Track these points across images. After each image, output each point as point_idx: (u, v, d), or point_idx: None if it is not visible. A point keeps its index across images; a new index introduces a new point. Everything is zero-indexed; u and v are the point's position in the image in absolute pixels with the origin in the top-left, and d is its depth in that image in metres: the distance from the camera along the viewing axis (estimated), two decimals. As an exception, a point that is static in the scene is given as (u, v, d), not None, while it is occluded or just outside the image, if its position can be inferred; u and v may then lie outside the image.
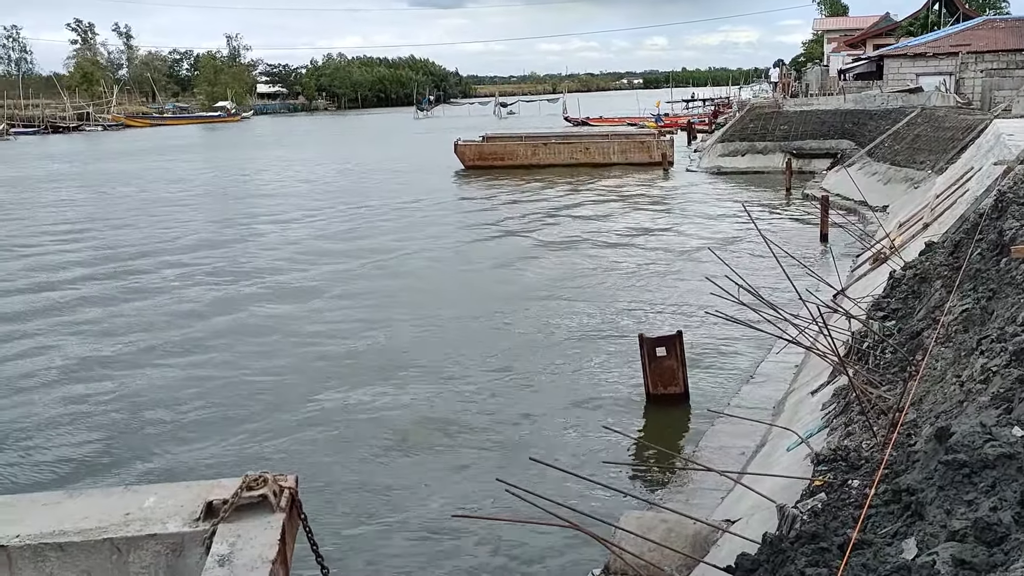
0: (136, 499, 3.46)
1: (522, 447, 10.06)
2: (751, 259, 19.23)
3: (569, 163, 43.61)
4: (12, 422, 11.53)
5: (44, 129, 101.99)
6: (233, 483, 3.38)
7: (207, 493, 3.38)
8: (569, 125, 73.92)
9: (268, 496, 3.32)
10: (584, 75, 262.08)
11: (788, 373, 11.68)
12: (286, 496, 3.37)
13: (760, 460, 8.59)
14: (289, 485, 3.42)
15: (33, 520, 3.35)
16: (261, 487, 3.33)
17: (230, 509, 3.28)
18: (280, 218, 29.78)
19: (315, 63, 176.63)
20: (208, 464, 9.98)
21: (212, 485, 3.47)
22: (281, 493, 3.37)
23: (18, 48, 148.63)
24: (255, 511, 3.31)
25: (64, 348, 14.94)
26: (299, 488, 3.46)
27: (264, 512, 3.32)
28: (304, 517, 3.48)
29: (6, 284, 20.13)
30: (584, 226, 26.25)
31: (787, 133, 39.29)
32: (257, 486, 3.34)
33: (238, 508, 3.29)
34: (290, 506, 3.39)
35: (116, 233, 27.48)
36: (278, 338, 15.08)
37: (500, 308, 16.67)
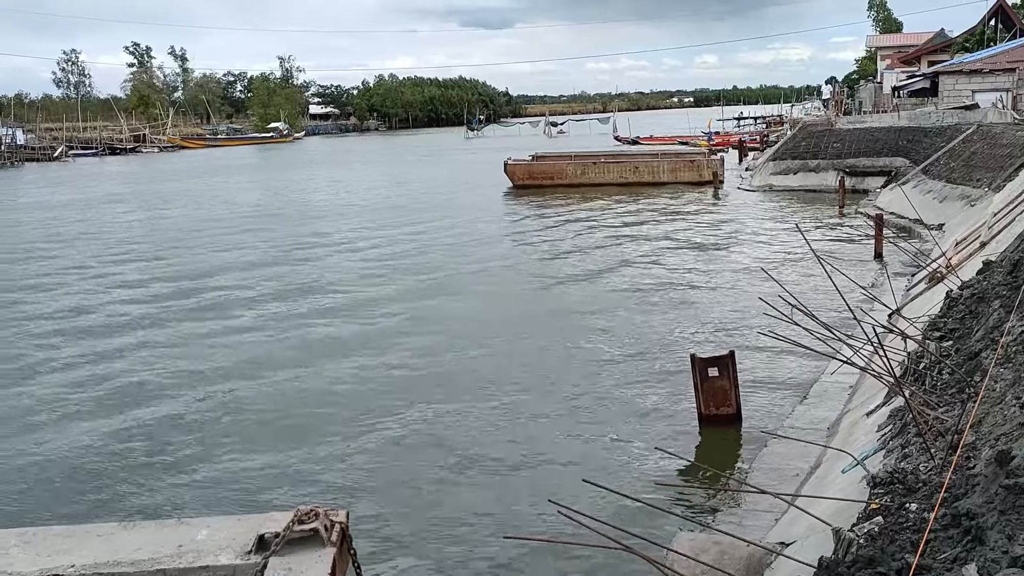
0: (189, 531, 3.49)
1: (574, 468, 10.03)
2: (804, 278, 19.04)
3: (618, 182, 43.52)
4: (66, 447, 11.70)
5: (102, 151, 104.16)
6: (285, 516, 3.39)
7: (259, 526, 3.40)
8: (619, 144, 73.88)
9: (319, 530, 3.33)
10: (634, 94, 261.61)
11: (842, 393, 11.52)
12: (337, 530, 3.38)
13: (814, 482, 8.48)
14: (340, 520, 3.43)
15: (88, 551, 3.39)
16: (312, 521, 3.34)
17: (282, 543, 3.30)
18: (333, 238, 30.09)
19: (366, 84, 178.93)
20: (259, 494, 10.05)
21: (264, 518, 3.49)
22: (332, 527, 3.38)
23: (77, 72, 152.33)
24: (306, 545, 3.33)
25: (111, 371, 15.16)
26: (350, 522, 3.48)
27: (315, 546, 3.33)
28: (354, 552, 3.50)
29: (66, 303, 20.54)
30: (633, 245, 26.19)
31: (840, 151, 38.87)
32: (308, 520, 3.35)
33: (289, 542, 3.31)
34: (340, 540, 3.40)
35: (173, 253, 27.96)
36: (327, 361, 15.19)
37: (549, 328, 16.67)
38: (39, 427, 12.39)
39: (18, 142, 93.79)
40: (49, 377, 14.80)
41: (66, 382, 14.55)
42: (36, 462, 11.13)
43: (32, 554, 3.37)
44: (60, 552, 3.40)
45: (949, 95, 42.76)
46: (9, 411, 13.12)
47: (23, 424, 12.52)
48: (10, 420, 12.70)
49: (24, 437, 12.01)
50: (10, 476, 10.74)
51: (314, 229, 32.64)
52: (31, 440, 11.88)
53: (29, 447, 11.62)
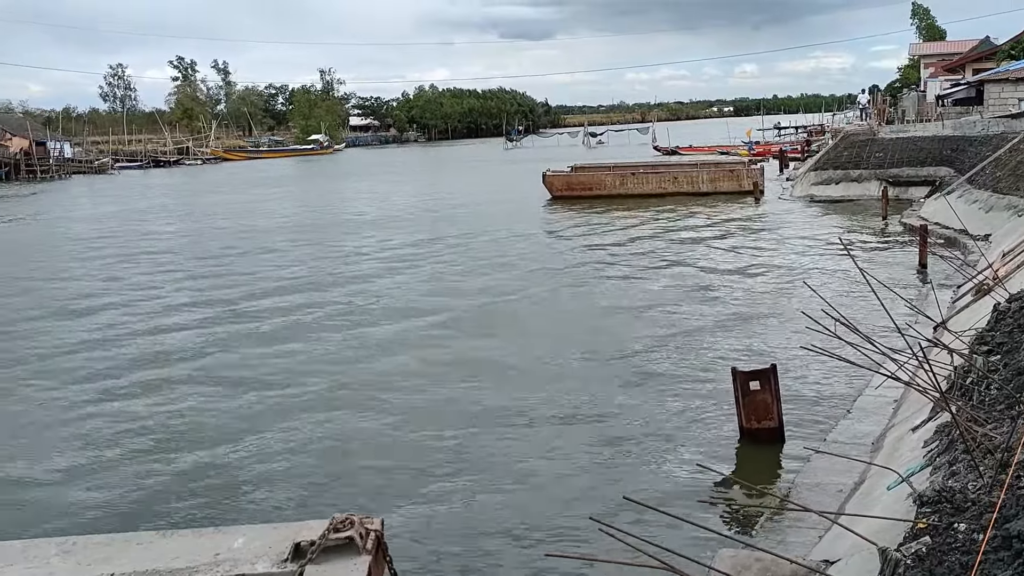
0: (225, 540, 3.50)
1: (614, 485, 9.96)
2: (847, 290, 18.83)
3: (657, 193, 43.30)
4: (102, 456, 11.85)
5: (146, 163, 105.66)
6: (320, 525, 3.41)
7: (295, 534, 3.41)
8: (658, 154, 73.61)
9: (355, 538, 3.32)
10: (673, 103, 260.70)
11: (887, 408, 11.35)
12: (372, 538, 3.38)
13: (858, 499, 8.36)
14: (375, 527, 3.43)
15: (127, 560, 3.43)
16: (348, 529, 3.34)
17: (317, 551, 3.30)
18: (372, 250, 30.27)
19: (406, 95, 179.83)
20: (294, 504, 10.11)
21: (300, 527, 3.50)
22: (367, 535, 3.37)
23: (123, 86, 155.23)
24: (341, 553, 3.33)
25: (148, 380, 15.34)
26: (384, 530, 3.47)
27: (351, 554, 3.33)
28: (390, 560, 3.50)
29: (113, 317, 20.84)
30: (672, 256, 26.05)
31: (882, 160, 38.43)
32: (344, 528, 3.35)
33: (325, 550, 3.31)
34: (376, 548, 3.40)
35: (215, 264, 28.30)
36: (363, 372, 15.26)
37: (587, 340, 16.61)
38: (78, 436, 12.55)
39: (66, 155, 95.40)
40: (86, 384, 15.03)
41: (103, 388, 14.80)
42: (75, 472, 11.26)
43: (72, 563, 3.41)
44: (99, 561, 3.44)
45: (995, 103, 42.15)
46: (45, 420, 13.31)
47: (61, 432, 12.70)
48: (48, 428, 12.88)
49: (63, 446, 12.18)
50: (49, 487, 10.88)
51: (354, 241, 32.88)
52: (71, 450, 12.04)
53: (69, 458, 11.77)
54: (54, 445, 12.27)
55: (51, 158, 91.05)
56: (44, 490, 10.79)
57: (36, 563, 3.41)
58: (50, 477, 11.17)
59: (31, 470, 11.41)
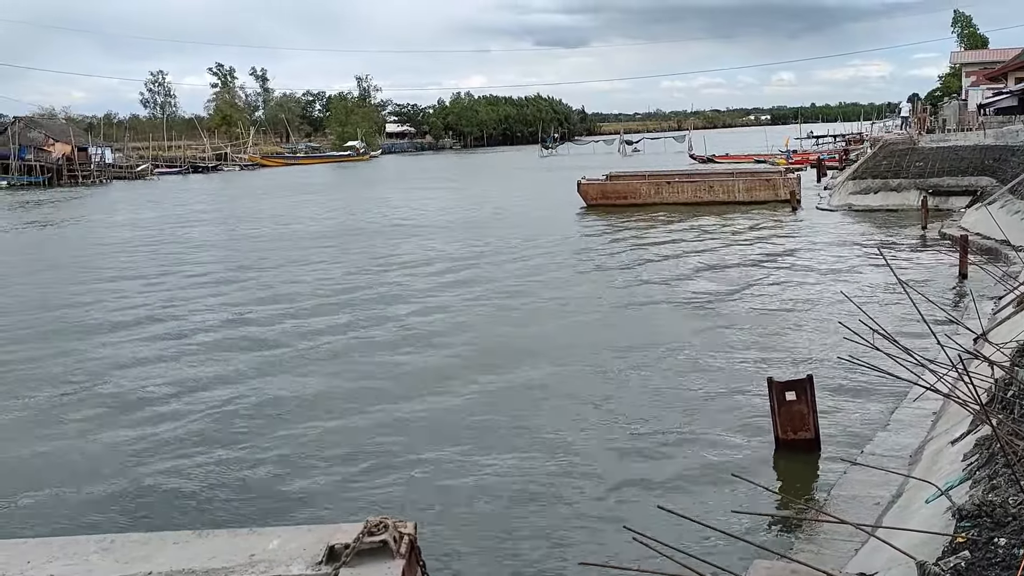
0: (261, 541, 3.52)
1: (649, 494, 9.93)
2: (885, 300, 18.64)
3: (693, 201, 43.12)
4: (139, 457, 11.97)
5: (185, 169, 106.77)
6: (354, 528, 3.41)
7: (329, 537, 3.41)
8: (694, 163, 73.37)
9: (388, 542, 3.33)
10: (710, 111, 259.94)
11: (925, 421, 11.20)
12: (406, 542, 3.38)
13: (896, 512, 8.26)
14: (408, 531, 3.43)
15: (164, 558, 3.46)
16: (382, 532, 3.35)
17: (351, 553, 3.30)
18: (409, 258, 30.39)
19: (442, 102, 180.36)
20: (328, 506, 10.17)
21: (334, 529, 3.51)
22: (401, 539, 3.37)
23: (163, 92, 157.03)
24: (375, 556, 3.34)
25: (184, 383, 15.48)
26: (418, 535, 3.48)
27: (384, 558, 3.34)
28: (423, 564, 3.50)
29: (146, 318, 21.05)
30: (709, 266, 25.93)
31: (922, 170, 38.02)
32: (378, 531, 3.35)
33: (359, 553, 3.31)
34: (409, 552, 3.40)
35: (252, 272, 28.51)
36: (397, 381, 15.30)
37: (623, 348, 16.56)
38: (115, 438, 12.70)
39: (107, 161, 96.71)
40: (123, 386, 15.20)
41: (140, 390, 14.96)
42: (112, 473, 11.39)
43: (111, 560, 3.44)
44: (137, 559, 3.47)
45: (1038, 113, 41.55)
46: (81, 422, 13.47)
47: (100, 433, 12.86)
48: (85, 432, 13.03)
49: (98, 447, 12.33)
50: (88, 485, 11.01)
51: (391, 249, 32.99)
52: (106, 451, 12.19)
53: (104, 458, 11.92)
54: (94, 446, 12.42)
55: (92, 163, 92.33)
56: (83, 488, 10.90)
57: (76, 560, 3.45)
58: (89, 475, 11.29)
59: (74, 468, 11.53)
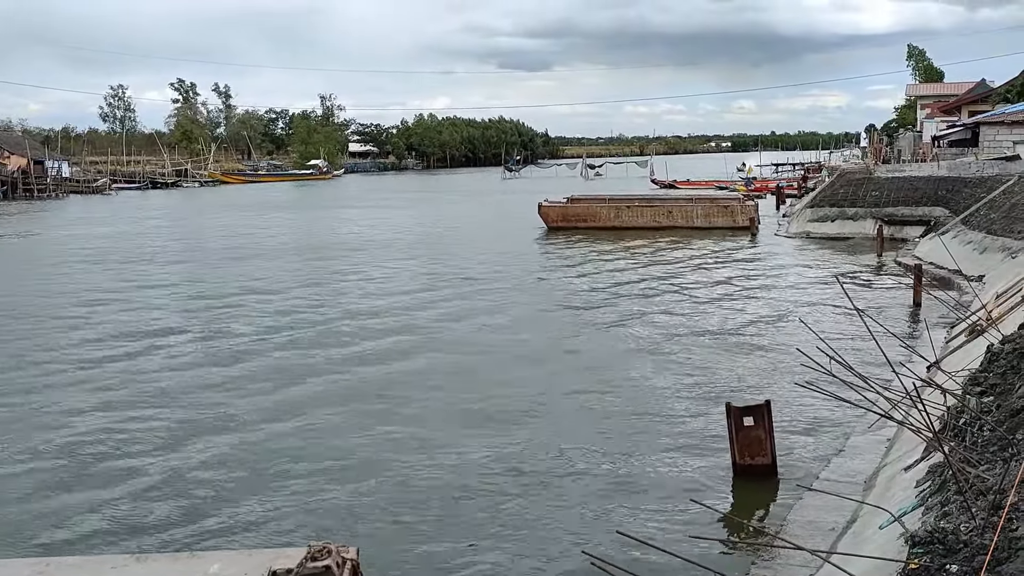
0: (201, 565, 3.52)
1: (606, 518, 9.94)
2: (841, 328, 18.85)
3: (652, 226, 43.45)
4: (78, 478, 11.75)
5: (144, 185, 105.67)
6: (297, 553, 3.43)
7: (271, 562, 3.42)
8: (656, 187, 74.00)
9: (332, 567, 3.35)
10: (672, 137, 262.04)
11: (880, 447, 11.36)
12: (349, 568, 3.41)
13: (850, 538, 8.35)
14: (351, 557, 3.46)
15: None
16: (325, 558, 3.36)
17: None
18: (362, 276, 30.27)
19: (405, 123, 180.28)
20: (270, 531, 10.03)
21: (276, 554, 3.52)
22: (344, 564, 3.40)
23: (123, 106, 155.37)
24: None
25: (121, 402, 15.25)
26: (361, 560, 3.49)
27: (328, 583, 3.34)
28: (365, 589, 3.51)
29: (101, 330, 20.77)
30: (665, 290, 26.08)
31: (878, 199, 38.63)
32: (321, 557, 3.37)
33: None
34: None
35: (206, 287, 28.22)
36: (343, 398, 15.22)
37: (579, 372, 16.60)
38: (47, 457, 12.46)
39: (64, 175, 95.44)
40: (52, 403, 14.90)
41: (70, 408, 14.66)
42: (45, 494, 11.16)
43: None
44: None
45: (990, 145, 42.51)
46: (23, 437, 13.19)
47: (34, 450, 12.61)
48: (15, 450, 12.76)
49: (34, 463, 12.10)
50: (24, 505, 10.80)
51: (344, 266, 32.85)
52: (42, 466, 11.97)
53: (36, 478, 11.69)
54: (31, 463, 12.15)
55: (49, 177, 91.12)
56: (17, 509, 10.68)
57: None
58: (23, 496, 11.06)
59: (3, 490, 11.30)
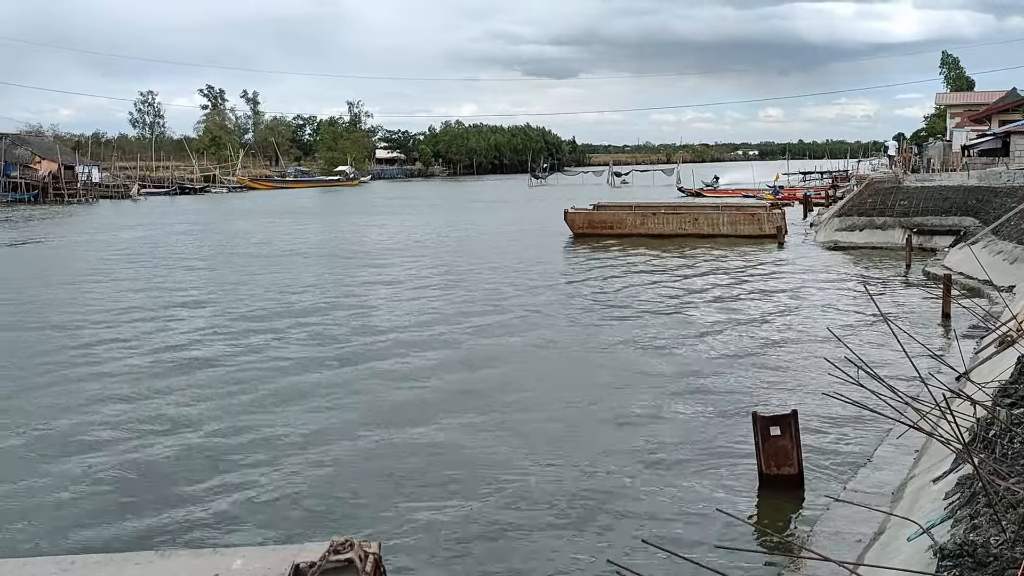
0: (224, 561, 3.50)
1: (632, 527, 9.91)
2: (869, 338, 18.70)
3: (678, 233, 43.28)
4: (104, 475, 11.85)
5: (173, 190, 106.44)
6: (320, 547, 3.40)
7: (294, 557, 3.40)
8: (682, 195, 73.78)
9: (354, 560, 3.32)
10: (699, 145, 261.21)
11: (907, 458, 11.24)
12: (371, 561, 3.38)
13: (878, 549, 8.27)
14: (374, 551, 3.43)
15: None
16: (347, 552, 3.33)
17: (317, 573, 3.30)
18: (388, 282, 30.39)
19: (432, 130, 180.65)
20: (293, 526, 10.10)
21: (298, 549, 3.50)
22: (367, 558, 3.37)
23: (153, 112, 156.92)
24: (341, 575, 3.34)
25: (153, 399, 15.43)
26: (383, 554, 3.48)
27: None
28: (388, 583, 3.50)
29: (107, 335, 20.92)
30: (691, 298, 26.00)
31: (907, 209, 38.31)
32: (343, 551, 3.33)
33: (324, 572, 3.31)
34: (375, 572, 3.41)
35: (236, 290, 28.40)
36: (369, 398, 15.34)
37: (604, 380, 16.55)
38: (81, 453, 12.60)
39: (94, 180, 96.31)
40: (97, 404, 15.07)
41: (110, 407, 14.86)
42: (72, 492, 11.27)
43: None
44: None
45: (1021, 155, 42.01)
46: (52, 438, 13.36)
47: (64, 451, 12.74)
48: (43, 450, 12.88)
49: (64, 464, 12.20)
50: (49, 504, 10.90)
51: (371, 273, 32.97)
52: (72, 467, 12.07)
53: (69, 475, 11.80)
54: (55, 463, 12.27)
55: (79, 182, 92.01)
56: (42, 507, 10.79)
57: None
58: (50, 494, 11.18)
59: (33, 488, 11.40)
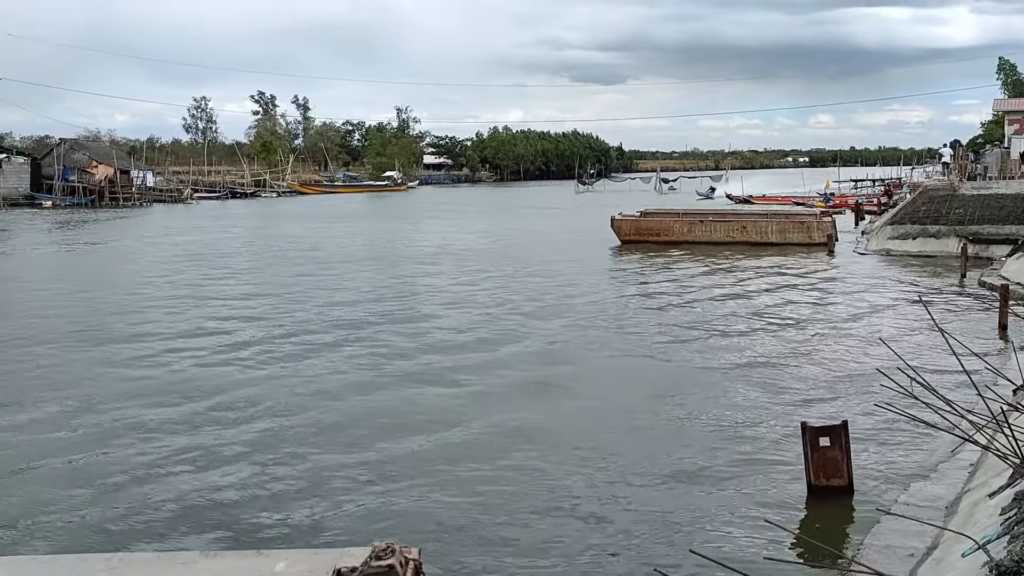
0: (268, 563, 3.56)
1: (678, 536, 9.79)
2: (922, 348, 18.38)
3: (725, 241, 42.89)
4: (147, 475, 11.93)
5: (224, 194, 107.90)
6: (362, 552, 3.46)
7: (336, 561, 3.47)
8: (731, 202, 73.31)
9: (395, 566, 3.37)
10: (747, 152, 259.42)
11: (962, 472, 10.98)
12: (412, 567, 3.42)
13: (931, 565, 8.08)
14: (414, 557, 3.47)
15: None
16: (389, 557, 3.38)
17: None
18: (437, 287, 30.48)
19: (480, 135, 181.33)
20: (335, 531, 10.11)
21: (341, 553, 3.56)
22: (407, 564, 3.42)
23: (205, 118, 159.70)
24: None
25: (197, 399, 15.55)
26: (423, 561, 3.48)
27: (391, 583, 3.36)
28: (428, 590, 3.49)
29: (181, 333, 21.18)
30: (738, 306, 25.72)
31: (963, 217, 37.62)
32: (385, 556, 3.39)
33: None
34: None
35: (290, 292, 28.66)
36: (412, 403, 15.34)
37: (653, 390, 16.39)
38: (124, 453, 12.72)
39: (148, 184, 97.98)
40: (134, 403, 15.22)
41: (154, 408, 14.96)
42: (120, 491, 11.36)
43: None
44: None
45: (1081, 163, 41.10)
46: (98, 435, 13.52)
47: (110, 450, 12.86)
48: (95, 448, 13.02)
49: (110, 464, 12.31)
50: (96, 503, 11.00)
51: (421, 277, 33.20)
52: (118, 467, 12.17)
53: (116, 474, 11.90)
54: (103, 462, 12.39)
55: (134, 186, 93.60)
56: (91, 506, 10.89)
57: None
58: (97, 493, 11.27)
59: (83, 485, 11.52)
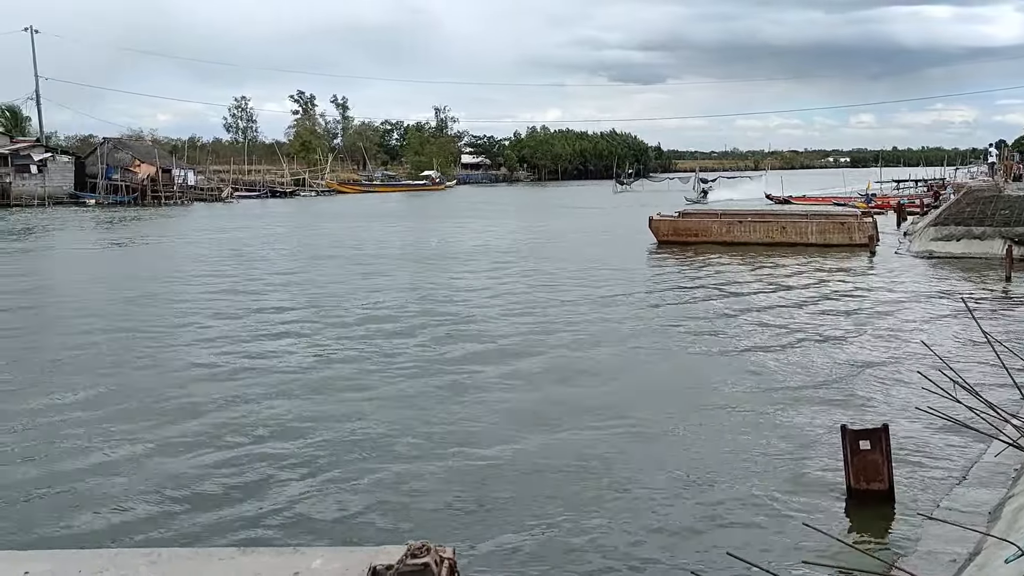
0: (304, 560, 3.58)
1: (715, 539, 9.71)
2: (965, 351, 18.09)
3: (764, 242, 42.47)
4: (182, 471, 12.05)
5: (264, 193, 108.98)
6: (397, 550, 3.46)
7: (372, 559, 3.47)
8: (770, 202, 72.82)
9: (430, 565, 3.37)
10: (787, 152, 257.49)
11: (1006, 477, 10.78)
12: (447, 566, 3.42)
13: (973, 571, 7.94)
14: (449, 556, 3.47)
15: (210, 573, 3.55)
16: (424, 556, 3.39)
17: (393, 575, 3.36)
18: (477, 287, 30.50)
19: (518, 135, 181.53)
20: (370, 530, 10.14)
21: (376, 551, 3.58)
22: (442, 563, 3.41)
23: (246, 117, 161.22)
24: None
25: (237, 400, 15.62)
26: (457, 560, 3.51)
27: (426, 581, 3.39)
28: (462, 588, 3.53)
29: (208, 331, 21.38)
30: (778, 307, 25.49)
31: (1008, 218, 37.06)
32: (420, 554, 3.40)
33: (400, 574, 3.37)
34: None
35: (331, 290, 28.89)
36: (449, 403, 15.37)
37: (688, 389, 16.34)
38: (162, 450, 12.83)
39: (189, 183, 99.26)
40: (174, 400, 15.40)
41: (192, 405, 15.12)
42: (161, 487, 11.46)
43: (158, 573, 3.53)
44: (184, 573, 3.59)
45: None
46: (134, 433, 13.62)
47: (152, 450, 12.94)
48: (136, 445, 13.13)
49: (150, 462, 12.43)
50: (137, 499, 11.12)
51: (461, 276, 33.30)
52: (154, 463, 12.32)
53: (154, 473, 12.01)
54: (146, 460, 12.51)
55: (175, 185, 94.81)
56: (132, 501, 11.01)
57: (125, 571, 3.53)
58: (138, 489, 11.39)
59: (124, 481, 11.66)
